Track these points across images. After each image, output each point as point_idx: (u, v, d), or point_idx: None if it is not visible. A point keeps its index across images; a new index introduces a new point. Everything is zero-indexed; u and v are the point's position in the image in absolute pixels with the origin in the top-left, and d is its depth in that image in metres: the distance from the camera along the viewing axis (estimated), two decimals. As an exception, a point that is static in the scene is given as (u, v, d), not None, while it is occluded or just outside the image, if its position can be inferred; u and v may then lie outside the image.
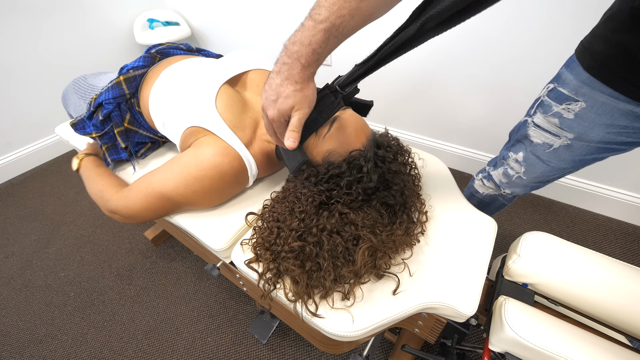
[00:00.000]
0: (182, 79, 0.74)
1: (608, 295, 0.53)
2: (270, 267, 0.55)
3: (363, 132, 0.57)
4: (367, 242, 0.52)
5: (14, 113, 1.72)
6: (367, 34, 1.46)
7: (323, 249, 0.52)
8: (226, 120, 0.65)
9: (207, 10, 1.98)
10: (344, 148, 0.55)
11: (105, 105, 0.79)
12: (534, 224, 1.29)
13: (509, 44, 1.13)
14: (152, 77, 0.79)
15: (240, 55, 0.78)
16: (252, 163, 0.67)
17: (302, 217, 0.54)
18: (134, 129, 0.84)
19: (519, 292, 0.61)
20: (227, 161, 0.63)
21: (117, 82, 0.78)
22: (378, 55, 0.49)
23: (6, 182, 1.77)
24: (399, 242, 0.56)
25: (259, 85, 0.74)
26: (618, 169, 1.17)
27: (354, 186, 0.55)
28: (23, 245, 1.40)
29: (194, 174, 0.62)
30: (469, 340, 0.97)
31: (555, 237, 0.61)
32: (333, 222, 0.53)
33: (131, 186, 0.68)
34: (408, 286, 0.55)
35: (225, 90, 0.69)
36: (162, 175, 0.65)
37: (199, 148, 0.64)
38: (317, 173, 0.56)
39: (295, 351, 0.98)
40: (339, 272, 0.52)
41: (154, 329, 1.07)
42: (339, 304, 0.52)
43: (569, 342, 0.48)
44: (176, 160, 0.65)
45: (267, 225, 0.59)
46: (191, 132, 0.68)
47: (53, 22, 1.72)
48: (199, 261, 1.28)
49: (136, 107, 0.81)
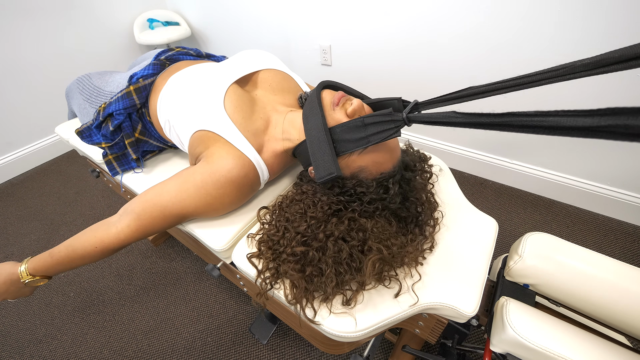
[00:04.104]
0: (189, 82, 0.71)
1: (609, 296, 0.53)
2: (270, 267, 0.55)
3: (396, 153, 0.57)
4: (378, 254, 0.51)
5: (14, 113, 1.72)
6: (367, 34, 1.46)
7: (327, 255, 0.51)
8: (236, 123, 0.62)
9: (207, 10, 1.98)
10: (376, 168, 0.55)
11: (116, 116, 0.76)
12: (534, 224, 1.29)
13: (510, 47, 1.13)
14: (160, 83, 0.76)
15: (250, 55, 0.76)
16: (264, 169, 0.64)
17: (311, 223, 0.53)
18: (144, 139, 0.82)
19: (520, 292, 0.61)
20: (243, 174, 0.60)
21: (128, 92, 0.75)
22: (472, 120, 0.40)
23: (6, 182, 1.77)
24: (409, 258, 0.55)
25: (270, 84, 0.72)
26: (618, 169, 1.17)
27: (376, 203, 0.55)
28: (23, 245, 1.39)
29: (213, 193, 0.60)
30: (469, 340, 0.97)
31: (557, 237, 0.61)
32: (341, 229, 0.52)
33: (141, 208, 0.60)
34: (409, 287, 0.55)
35: (234, 91, 0.66)
36: (179, 197, 0.60)
37: (213, 163, 0.60)
38: (342, 185, 0.56)
39: (295, 351, 0.98)
40: (342, 279, 0.51)
41: (154, 329, 1.07)
42: (340, 308, 0.52)
43: (570, 343, 0.48)
44: (190, 179, 0.60)
45: (276, 222, 0.58)
46: (200, 137, 0.64)
47: (53, 22, 1.71)
48: (199, 261, 1.28)
49: (147, 117, 0.79)
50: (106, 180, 1.09)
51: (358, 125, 0.52)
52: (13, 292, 0.63)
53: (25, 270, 0.61)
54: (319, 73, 1.72)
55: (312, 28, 1.59)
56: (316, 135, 0.55)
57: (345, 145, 0.53)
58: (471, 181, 1.51)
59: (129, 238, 0.59)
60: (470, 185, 1.49)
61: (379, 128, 0.51)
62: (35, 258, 0.62)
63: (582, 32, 0.99)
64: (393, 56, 1.41)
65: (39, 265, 0.61)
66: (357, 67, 1.57)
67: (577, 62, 0.31)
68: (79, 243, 0.60)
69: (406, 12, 1.27)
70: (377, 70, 1.51)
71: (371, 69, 1.52)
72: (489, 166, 1.46)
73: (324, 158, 0.53)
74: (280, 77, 0.74)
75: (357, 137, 0.52)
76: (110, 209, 1.54)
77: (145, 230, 0.60)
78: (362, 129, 0.52)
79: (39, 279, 0.62)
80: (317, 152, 0.54)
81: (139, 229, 0.59)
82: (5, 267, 0.62)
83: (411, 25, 1.28)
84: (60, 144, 1.94)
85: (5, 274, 0.61)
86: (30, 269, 0.61)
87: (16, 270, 0.61)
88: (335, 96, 0.57)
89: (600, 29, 0.96)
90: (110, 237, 0.59)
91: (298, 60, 1.75)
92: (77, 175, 1.78)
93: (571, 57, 1.07)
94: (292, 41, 1.71)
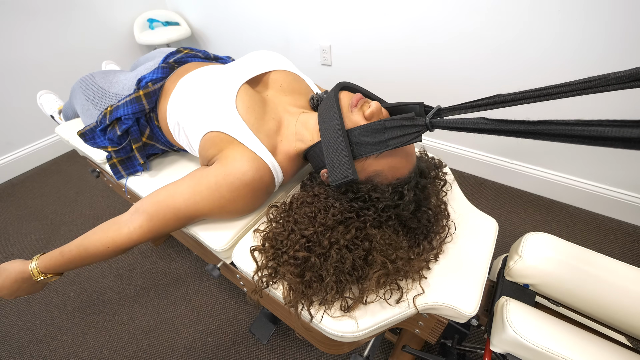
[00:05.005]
0: (200, 83, 0.69)
1: (608, 296, 0.53)
2: (269, 265, 0.55)
3: (413, 159, 0.56)
4: (383, 268, 0.50)
5: (14, 113, 1.72)
6: (367, 34, 1.46)
7: (328, 263, 0.50)
8: (249, 124, 0.61)
9: (207, 10, 1.98)
10: (392, 173, 0.54)
11: (125, 121, 0.74)
12: (534, 224, 1.29)
13: (511, 47, 1.13)
14: (169, 87, 0.74)
15: (260, 56, 0.75)
16: (278, 171, 0.63)
17: (318, 229, 0.52)
18: (151, 143, 0.81)
19: (520, 292, 0.61)
20: (258, 177, 0.59)
21: (137, 97, 0.73)
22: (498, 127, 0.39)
23: (6, 182, 1.77)
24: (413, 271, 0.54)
25: (281, 85, 0.71)
26: (618, 169, 1.18)
27: (390, 211, 0.54)
28: (23, 245, 1.39)
29: (227, 196, 0.59)
30: (469, 340, 0.97)
31: (557, 237, 0.61)
32: (347, 238, 0.51)
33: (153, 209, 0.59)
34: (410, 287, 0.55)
35: (246, 91, 0.65)
36: (192, 199, 0.59)
37: (227, 166, 0.59)
38: (356, 190, 0.54)
39: (295, 351, 0.98)
40: (342, 287, 0.51)
41: (154, 329, 1.07)
42: (339, 312, 0.51)
43: (569, 343, 0.48)
44: (204, 181, 0.59)
45: (283, 222, 0.57)
46: (212, 139, 0.62)
47: (53, 21, 1.72)
48: (199, 261, 1.28)
49: (155, 121, 0.77)
50: (106, 180, 1.09)
51: (377, 129, 0.51)
52: (25, 289, 0.64)
53: (37, 268, 0.61)
54: (319, 73, 1.72)
55: (312, 28, 1.59)
56: (333, 136, 0.53)
57: (362, 148, 0.52)
58: (471, 181, 1.51)
59: (140, 238, 0.59)
60: (470, 185, 1.49)
61: (400, 132, 0.49)
62: (46, 256, 0.62)
63: (584, 33, 1.00)
64: (393, 56, 1.41)
65: (51, 263, 0.61)
66: (357, 67, 1.57)
67: (611, 75, 0.30)
68: (90, 242, 0.60)
69: (406, 12, 1.27)
70: (377, 70, 1.51)
71: (371, 69, 1.52)
72: (489, 166, 1.46)
73: (340, 160, 0.52)
74: (291, 78, 0.73)
75: (375, 140, 0.51)
76: (110, 209, 1.54)
77: (158, 231, 0.60)
78: (382, 132, 0.50)
79: (52, 276, 0.63)
80: (333, 153, 0.53)
81: (151, 230, 0.59)
82: (15, 266, 0.62)
83: (411, 25, 1.28)
84: (60, 144, 1.94)
85: (16, 272, 0.61)
86: (42, 267, 0.61)
87: (27, 268, 0.61)
88: (353, 98, 0.56)
89: (601, 29, 0.97)
90: (122, 237, 0.59)
91: (298, 60, 1.75)
92: (77, 175, 1.78)
93: (572, 56, 1.07)
94: (292, 41, 1.71)
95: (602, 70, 0.37)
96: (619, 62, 0.96)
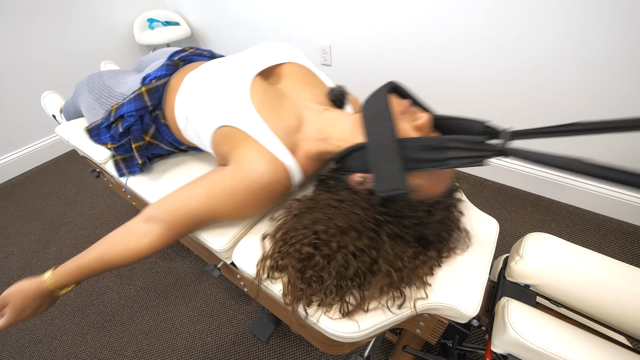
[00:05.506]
0: (209, 75, 0.66)
1: (609, 297, 0.53)
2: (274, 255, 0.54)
3: (450, 179, 0.55)
4: (387, 277, 0.49)
5: (14, 113, 1.72)
6: (367, 34, 1.46)
7: (331, 266, 0.49)
8: (265, 118, 0.57)
9: (207, 10, 1.98)
10: (429, 190, 0.52)
11: (127, 118, 0.73)
12: (534, 224, 1.29)
13: (512, 47, 1.13)
14: (176, 83, 0.72)
15: (271, 46, 0.71)
16: (298, 173, 0.60)
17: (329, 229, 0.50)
18: (155, 142, 0.79)
19: (521, 293, 0.61)
20: (275, 179, 0.56)
21: (139, 94, 0.72)
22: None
23: (6, 182, 1.76)
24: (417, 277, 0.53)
25: (296, 78, 0.67)
26: (618, 170, 1.17)
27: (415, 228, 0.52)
28: (23, 245, 1.39)
29: (244, 199, 0.56)
30: (470, 340, 0.97)
31: (558, 238, 0.61)
32: (358, 245, 0.49)
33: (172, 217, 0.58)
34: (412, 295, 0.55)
35: (259, 83, 0.61)
36: (210, 203, 0.57)
37: (243, 168, 0.56)
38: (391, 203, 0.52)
39: (295, 351, 0.98)
40: (342, 292, 0.50)
41: (154, 329, 1.07)
42: (337, 315, 0.51)
43: (570, 344, 0.48)
44: (219, 184, 0.57)
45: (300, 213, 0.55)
46: (225, 135, 0.60)
47: (53, 22, 1.71)
48: (199, 261, 1.27)
49: (161, 120, 0.75)
50: (106, 180, 1.09)
51: (437, 147, 0.46)
52: (46, 305, 0.61)
53: (55, 284, 0.58)
54: (319, 73, 1.72)
55: (312, 28, 1.59)
56: (384, 144, 0.49)
57: (416, 163, 0.47)
58: (471, 181, 1.51)
59: (163, 245, 0.59)
60: (470, 185, 1.49)
61: (463, 154, 0.45)
62: (62, 273, 0.58)
63: (584, 33, 1.00)
64: (393, 56, 1.41)
65: (68, 279, 0.59)
66: (357, 67, 1.57)
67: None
68: (111, 256, 0.58)
69: (406, 12, 1.27)
70: (377, 70, 1.51)
71: (371, 69, 1.52)
72: (488, 166, 1.46)
73: (391, 171, 0.48)
74: (305, 72, 0.70)
75: (432, 157, 0.46)
76: (110, 209, 1.54)
77: (179, 235, 0.60)
78: (442, 151, 0.45)
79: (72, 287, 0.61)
80: (383, 162, 0.49)
81: (173, 237, 0.59)
82: (28, 285, 0.57)
83: (411, 25, 1.28)
84: (60, 144, 1.94)
85: (34, 290, 0.57)
86: (60, 283, 0.58)
87: (42, 286, 0.58)
88: (403, 104, 0.53)
89: (601, 29, 0.96)
90: (144, 248, 0.57)
91: (298, 60, 1.75)
92: (77, 175, 1.77)
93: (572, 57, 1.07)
94: (292, 41, 1.71)
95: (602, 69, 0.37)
96: (619, 62, 0.96)
